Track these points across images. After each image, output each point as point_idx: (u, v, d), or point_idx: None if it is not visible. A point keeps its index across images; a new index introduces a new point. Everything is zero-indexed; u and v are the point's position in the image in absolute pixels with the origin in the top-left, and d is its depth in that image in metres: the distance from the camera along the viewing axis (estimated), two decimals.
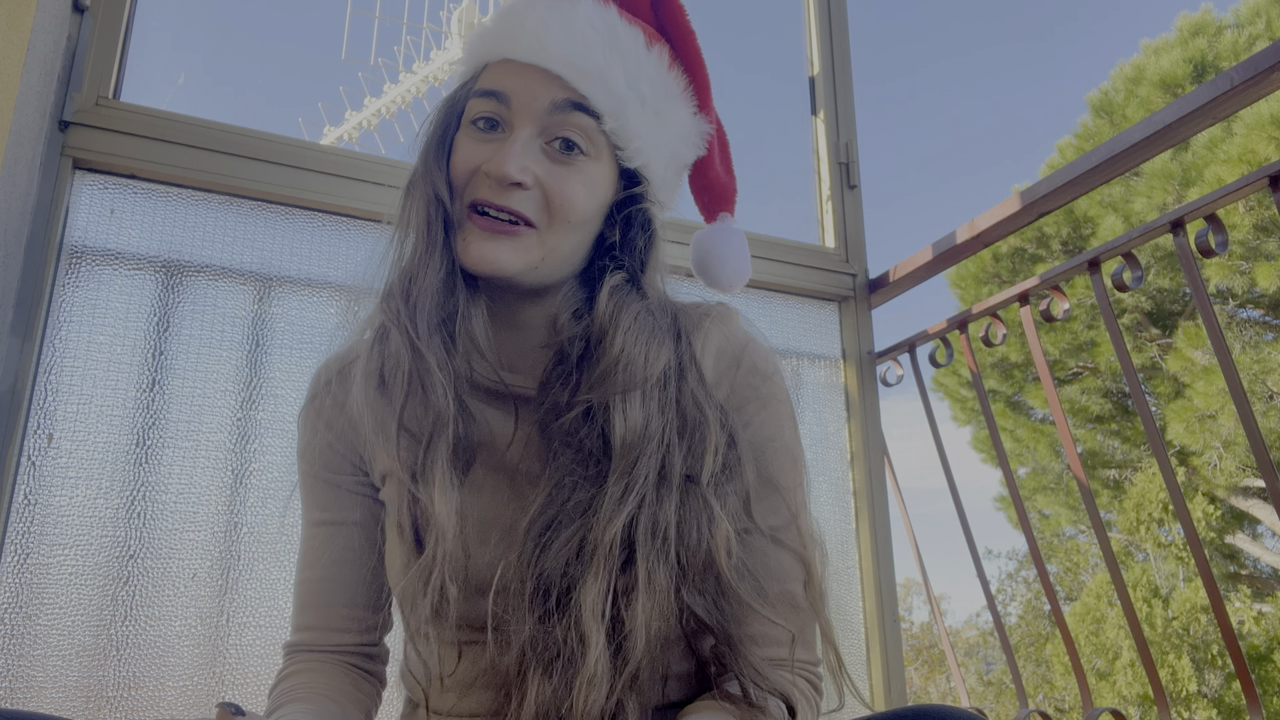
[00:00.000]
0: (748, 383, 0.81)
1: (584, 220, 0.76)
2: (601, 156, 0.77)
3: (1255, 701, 1.26)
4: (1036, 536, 1.73)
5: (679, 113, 0.82)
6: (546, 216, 0.75)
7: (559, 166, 0.75)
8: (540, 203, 0.74)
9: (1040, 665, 11.76)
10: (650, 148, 0.79)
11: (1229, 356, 1.26)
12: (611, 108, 0.76)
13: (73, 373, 1.24)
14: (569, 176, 0.75)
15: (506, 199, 0.73)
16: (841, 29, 1.94)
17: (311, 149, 1.42)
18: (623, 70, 0.77)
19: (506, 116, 0.76)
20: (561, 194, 0.74)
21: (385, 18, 4.67)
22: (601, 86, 0.76)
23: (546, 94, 0.75)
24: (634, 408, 0.72)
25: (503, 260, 0.74)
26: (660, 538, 0.69)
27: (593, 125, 0.76)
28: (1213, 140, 7.62)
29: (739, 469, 0.75)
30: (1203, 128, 1.29)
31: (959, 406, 10.33)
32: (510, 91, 0.76)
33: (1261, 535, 9.92)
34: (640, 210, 0.80)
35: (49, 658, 1.15)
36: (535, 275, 0.76)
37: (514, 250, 0.74)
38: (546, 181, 0.74)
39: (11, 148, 1.10)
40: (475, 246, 0.74)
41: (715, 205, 0.90)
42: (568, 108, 0.75)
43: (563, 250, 0.76)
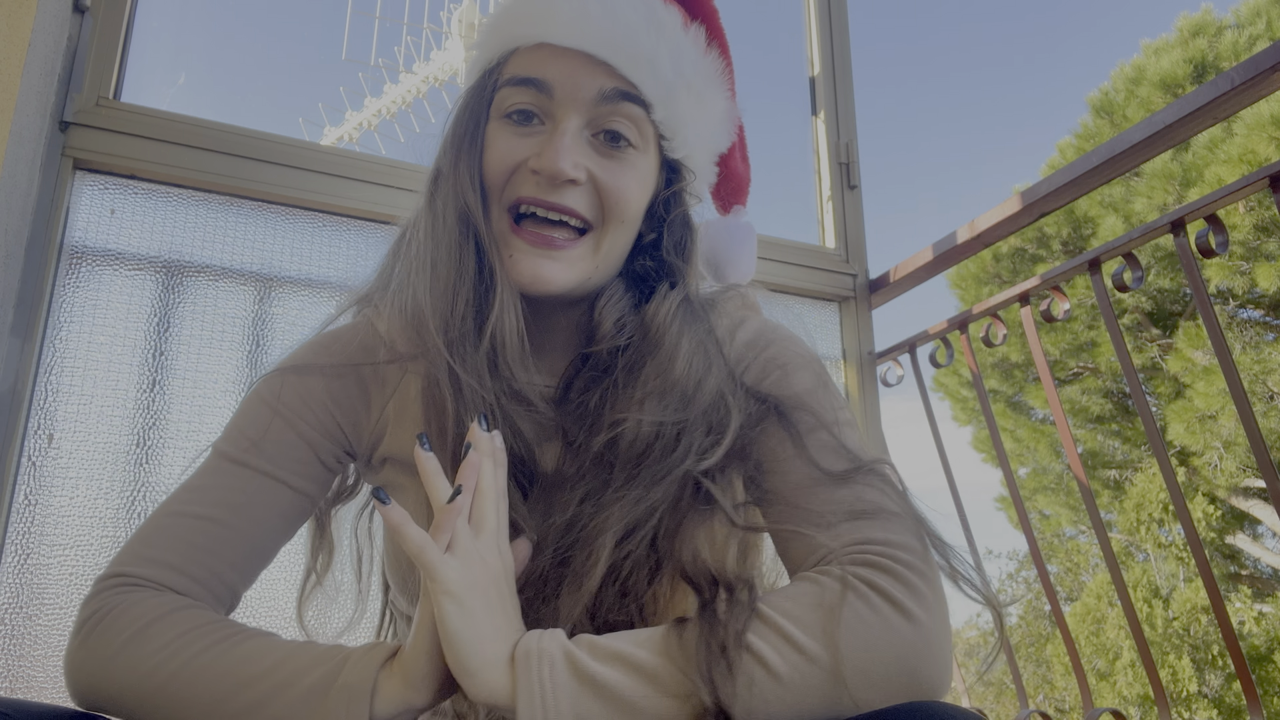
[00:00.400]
0: (749, 347, 0.76)
1: (635, 217, 0.72)
2: (649, 148, 0.72)
3: (1255, 702, 1.26)
4: (1036, 536, 1.73)
5: (718, 98, 0.77)
6: (601, 215, 0.70)
7: (609, 161, 0.70)
8: (593, 200, 0.69)
9: (1040, 665, 11.76)
10: (695, 137, 0.75)
11: (1229, 357, 1.26)
12: (661, 95, 0.71)
13: (73, 373, 1.24)
14: (621, 171, 0.70)
15: (559, 196, 0.68)
16: (841, 29, 1.94)
17: (311, 149, 1.42)
18: (668, 54, 0.71)
19: (548, 107, 0.70)
20: (616, 190, 0.69)
21: (385, 18, 4.67)
22: (650, 73, 0.70)
23: (594, 82, 0.69)
24: (670, 411, 0.68)
25: (557, 279, 0.68)
26: (662, 538, 0.66)
27: (642, 115, 0.70)
28: (1213, 140, 7.62)
29: (767, 425, 0.70)
30: (1203, 128, 1.29)
31: (959, 406, 10.33)
32: (552, 80, 0.69)
33: (1261, 535, 9.91)
34: (681, 205, 0.75)
35: (49, 658, 1.15)
36: (587, 286, 0.72)
37: (568, 266, 0.69)
38: (600, 177, 0.69)
39: (12, 148, 1.10)
40: (526, 265, 0.68)
41: (731, 197, 0.86)
42: (617, 97, 0.69)
43: (615, 253, 0.72)
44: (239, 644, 0.63)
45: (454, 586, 0.58)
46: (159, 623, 0.64)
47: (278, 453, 0.74)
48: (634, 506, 0.65)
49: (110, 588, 0.68)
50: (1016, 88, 58.05)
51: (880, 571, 0.59)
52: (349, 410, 0.77)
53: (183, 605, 0.67)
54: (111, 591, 0.68)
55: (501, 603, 0.60)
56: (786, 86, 1.98)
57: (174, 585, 0.69)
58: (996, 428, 1.72)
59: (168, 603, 0.66)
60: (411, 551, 0.58)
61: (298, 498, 0.75)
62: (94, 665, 0.64)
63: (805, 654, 0.55)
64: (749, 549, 0.75)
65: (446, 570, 0.58)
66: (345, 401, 0.77)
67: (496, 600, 0.60)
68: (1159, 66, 8.48)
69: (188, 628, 0.64)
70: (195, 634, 0.64)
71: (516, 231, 0.69)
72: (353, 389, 0.77)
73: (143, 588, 0.68)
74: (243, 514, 0.72)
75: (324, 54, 23.70)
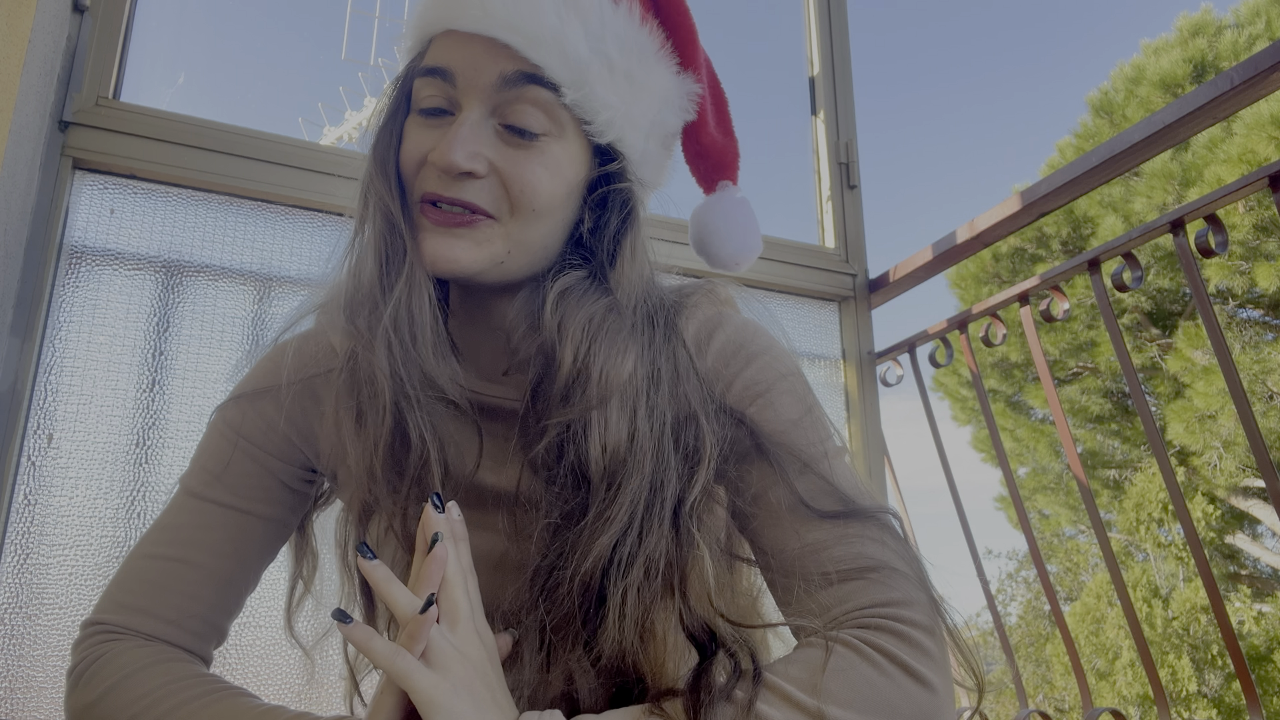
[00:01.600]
0: (730, 364, 0.71)
1: (550, 207, 0.67)
2: (566, 133, 0.67)
3: (1255, 701, 1.26)
4: (1036, 536, 1.73)
5: (657, 74, 0.72)
6: (507, 206, 0.66)
7: (515, 150, 0.66)
8: (497, 192, 0.65)
9: (1040, 665, 11.76)
10: (624, 119, 0.69)
11: (1229, 356, 1.26)
12: (571, 76, 0.66)
13: (73, 373, 1.24)
14: (527, 160, 0.65)
15: (458, 190, 0.65)
16: (841, 29, 1.94)
17: (311, 149, 1.42)
18: (582, 31, 0.66)
19: (454, 96, 0.67)
20: (520, 180, 0.65)
21: (385, 18, 4.67)
22: (557, 52, 0.65)
23: (494, 66, 0.65)
24: (613, 423, 0.63)
25: (461, 258, 0.65)
26: (650, 575, 0.61)
27: (551, 99, 0.65)
28: (1213, 140, 7.62)
29: (792, 454, 0.66)
30: (1203, 128, 1.28)
31: (959, 406, 10.33)
32: (454, 67, 0.66)
33: (1261, 535, 9.91)
34: (616, 191, 0.70)
35: (49, 658, 1.15)
36: (501, 271, 0.67)
37: (473, 245, 0.65)
38: (503, 167, 0.65)
39: (11, 148, 1.10)
40: (429, 244, 0.65)
41: (713, 173, 0.80)
42: (519, 81, 0.65)
43: (530, 241, 0.67)
44: (210, 704, 0.64)
45: (437, 695, 0.54)
46: (136, 675, 0.67)
47: (241, 484, 0.74)
48: (608, 535, 0.61)
49: (93, 635, 0.71)
50: (1016, 88, 58.04)
51: (891, 636, 0.59)
52: (305, 428, 0.76)
53: (161, 659, 0.69)
54: (94, 641, 0.70)
55: (490, 693, 0.58)
56: (786, 86, 1.98)
57: (152, 631, 0.71)
58: (996, 427, 1.72)
59: (146, 655, 0.69)
60: (384, 666, 0.55)
61: (268, 524, 0.76)
62: (81, 712, 0.67)
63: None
64: (740, 576, 0.73)
65: (425, 681, 0.55)
66: (301, 420, 0.76)
67: (484, 691, 0.57)
68: (1159, 66, 8.48)
69: (163, 682, 0.66)
70: (169, 689, 0.66)
71: (424, 211, 0.67)
72: (308, 403, 0.76)
73: (123, 638, 0.70)
74: (213, 551, 0.72)
75: (324, 54, 23.67)
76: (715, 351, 0.72)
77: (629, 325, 0.67)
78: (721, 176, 0.80)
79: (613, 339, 0.65)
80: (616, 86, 0.68)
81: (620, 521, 0.61)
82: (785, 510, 0.65)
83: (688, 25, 0.75)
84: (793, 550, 0.64)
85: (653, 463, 0.64)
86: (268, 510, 0.75)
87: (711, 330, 0.73)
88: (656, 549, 0.62)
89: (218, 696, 0.65)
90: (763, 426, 0.68)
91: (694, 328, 0.72)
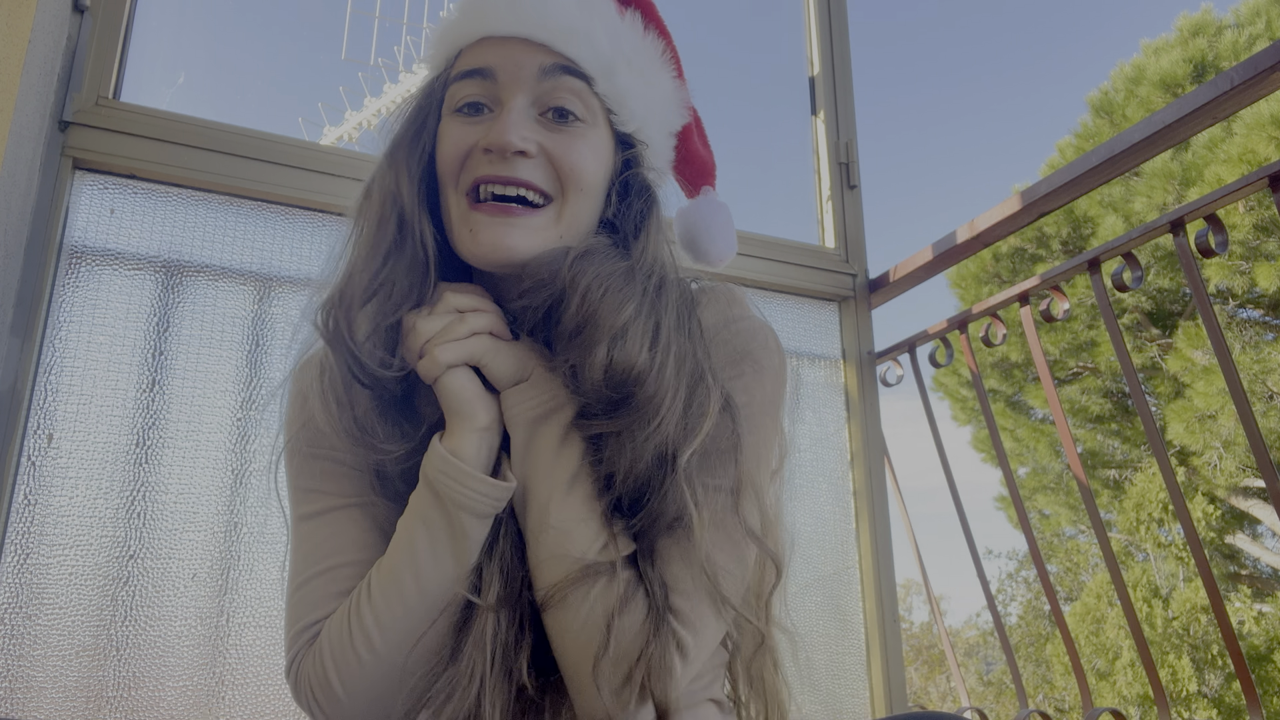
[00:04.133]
0: (729, 344, 0.75)
1: (594, 187, 0.74)
2: (598, 122, 0.74)
3: (1255, 701, 1.26)
4: (1036, 536, 1.73)
5: (663, 76, 0.80)
6: (559, 185, 0.72)
7: (559, 134, 0.72)
8: (548, 171, 0.71)
9: (1040, 665, 11.76)
10: (644, 110, 0.77)
11: (1229, 356, 1.26)
12: (600, 69, 0.73)
13: (73, 373, 1.24)
14: (571, 141, 0.72)
15: (512, 169, 0.70)
16: (841, 29, 1.94)
17: (311, 149, 1.42)
18: (604, 32, 0.74)
19: (494, 93, 0.73)
20: (568, 159, 0.71)
21: (385, 18, 4.67)
22: (588, 47, 0.73)
23: (533, 61, 0.72)
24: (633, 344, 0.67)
25: (519, 245, 0.70)
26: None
27: (585, 88, 0.73)
28: (1213, 140, 7.62)
29: (734, 445, 0.70)
30: (1203, 128, 1.29)
31: (959, 406, 10.33)
32: (494, 65, 0.72)
33: (1261, 535, 9.91)
34: (639, 176, 0.77)
35: (49, 658, 1.15)
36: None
37: (530, 233, 0.70)
38: (551, 149, 0.71)
39: (11, 148, 1.10)
40: (487, 235, 0.70)
41: (698, 179, 0.88)
42: (558, 72, 0.72)
43: (579, 221, 0.73)
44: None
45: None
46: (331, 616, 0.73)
47: (328, 483, 0.77)
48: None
49: (296, 656, 0.73)
50: (1016, 88, 58.06)
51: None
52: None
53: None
54: (300, 659, 0.73)
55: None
56: (786, 86, 1.98)
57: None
58: (996, 427, 1.72)
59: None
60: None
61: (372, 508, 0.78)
62: (321, 672, 0.71)
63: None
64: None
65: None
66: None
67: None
68: (1159, 66, 8.48)
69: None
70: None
71: (475, 207, 0.71)
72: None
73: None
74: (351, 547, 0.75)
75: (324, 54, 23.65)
76: (722, 348, 0.75)
77: (640, 288, 0.71)
78: (704, 182, 0.88)
79: (615, 284, 0.69)
80: (635, 81, 0.76)
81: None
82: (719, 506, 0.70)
83: (673, 44, 0.83)
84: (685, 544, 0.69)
85: (676, 399, 0.67)
86: (359, 496, 0.78)
87: (726, 323, 0.77)
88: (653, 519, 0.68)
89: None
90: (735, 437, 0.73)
91: (710, 316, 0.76)
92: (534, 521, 0.69)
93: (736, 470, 0.70)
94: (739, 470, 0.70)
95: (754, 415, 0.73)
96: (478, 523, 0.68)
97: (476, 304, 0.71)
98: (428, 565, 0.68)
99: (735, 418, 0.71)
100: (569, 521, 0.67)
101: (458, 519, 0.67)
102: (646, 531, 0.68)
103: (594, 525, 0.67)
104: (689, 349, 0.71)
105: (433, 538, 0.68)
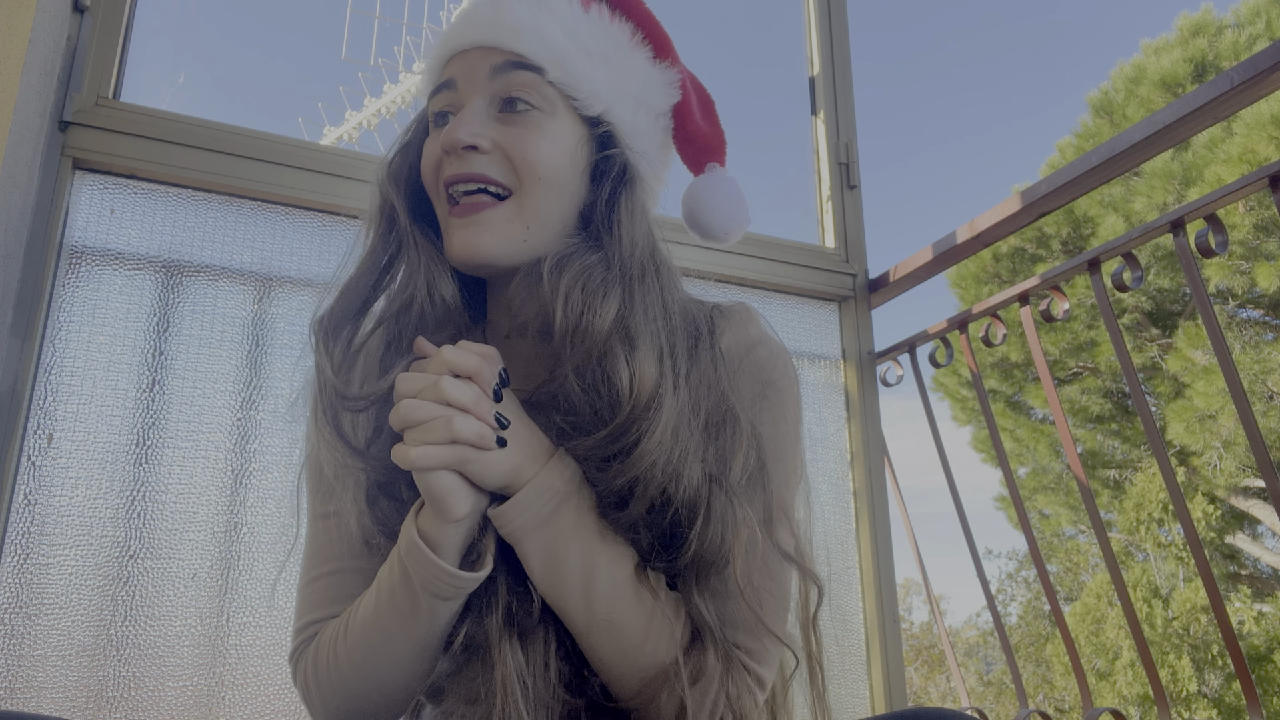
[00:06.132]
0: (751, 375, 0.76)
1: (554, 176, 0.74)
2: (557, 110, 0.75)
3: (1255, 701, 1.26)
4: (1036, 536, 1.73)
5: (633, 59, 0.81)
6: (515, 177, 0.73)
7: (512, 126, 0.74)
8: (504, 164, 0.73)
9: (1040, 665, 11.76)
10: (608, 92, 0.77)
11: (1229, 356, 1.26)
12: (551, 58, 0.75)
13: (73, 373, 1.24)
14: (524, 132, 0.73)
15: (469, 165, 0.72)
16: (841, 29, 1.94)
17: (311, 149, 1.42)
18: (558, 25, 0.76)
19: (456, 100, 0.76)
20: (521, 148, 0.72)
21: (385, 18, 4.66)
22: (536, 40, 0.75)
23: (485, 62, 0.75)
24: (644, 361, 0.68)
25: (485, 243, 0.72)
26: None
27: (537, 79, 0.75)
28: (1213, 140, 7.62)
29: (763, 475, 0.72)
30: (1203, 128, 1.28)
31: (959, 406, 10.33)
32: (455, 76, 0.76)
33: (1261, 535, 9.91)
34: (610, 158, 0.77)
35: (49, 658, 1.15)
36: (527, 250, 0.73)
37: (491, 231, 0.72)
38: (503, 141, 0.73)
39: (11, 148, 1.10)
40: (456, 238, 0.72)
41: (701, 157, 0.87)
42: (508, 68, 0.75)
43: (545, 214, 0.74)
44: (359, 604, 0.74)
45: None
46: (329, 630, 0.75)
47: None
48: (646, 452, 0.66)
49: (298, 650, 0.78)
50: (1016, 88, 58.07)
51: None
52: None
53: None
54: (300, 649, 0.78)
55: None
56: (786, 86, 1.98)
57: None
58: (996, 427, 1.72)
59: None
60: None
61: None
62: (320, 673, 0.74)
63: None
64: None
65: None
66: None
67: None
68: (1159, 66, 8.48)
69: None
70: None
71: (452, 212, 0.74)
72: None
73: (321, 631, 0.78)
74: (357, 553, 0.78)
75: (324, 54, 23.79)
76: (745, 375, 0.76)
77: (617, 274, 0.71)
78: (709, 159, 0.87)
79: (590, 284, 0.70)
80: (595, 66, 0.77)
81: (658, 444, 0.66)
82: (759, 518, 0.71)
83: (655, 26, 0.83)
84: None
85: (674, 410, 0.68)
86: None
87: (749, 348, 0.78)
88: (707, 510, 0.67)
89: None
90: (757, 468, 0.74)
91: (728, 340, 0.77)
92: (581, 622, 0.68)
93: (766, 498, 0.71)
94: (768, 497, 0.72)
95: (780, 444, 0.75)
96: (446, 604, 0.68)
97: (475, 368, 0.66)
98: (395, 630, 0.69)
99: (762, 449, 0.72)
100: (617, 611, 0.67)
101: (425, 601, 0.67)
102: (685, 574, 0.69)
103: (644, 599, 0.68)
104: (712, 379, 0.72)
105: (399, 609, 0.68)
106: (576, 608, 0.68)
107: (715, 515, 0.67)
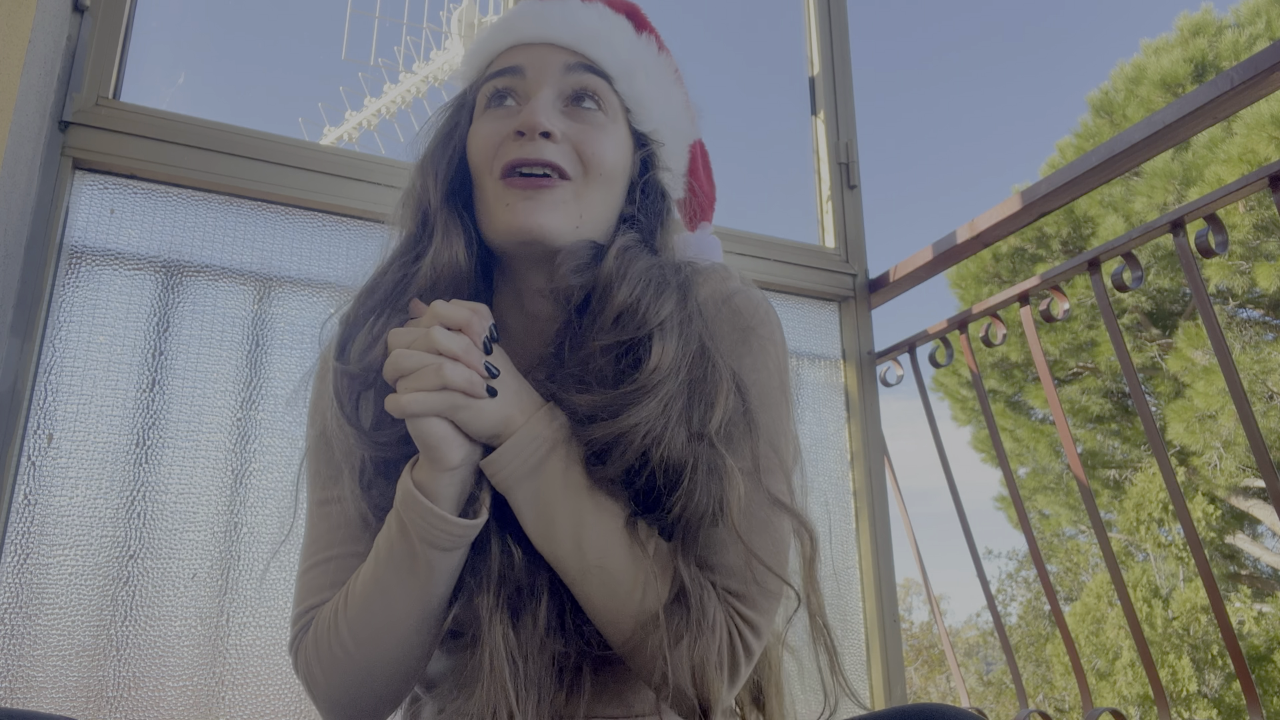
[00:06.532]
0: (730, 322, 0.77)
1: (613, 174, 0.78)
2: (618, 119, 0.80)
3: (1255, 701, 1.26)
4: (1036, 536, 1.73)
5: (676, 92, 0.87)
6: (580, 168, 0.76)
7: (581, 123, 0.77)
8: (571, 155, 0.76)
9: (1040, 665, 11.76)
10: (661, 112, 0.83)
11: (1229, 356, 1.26)
12: (619, 70, 0.80)
13: (73, 373, 1.24)
14: (593, 129, 0.77)
15: (540, 151, 0.74)
16: (841, 29, 1.94)
17: (311, 149, 1.42)
18: (623, 41, 0.82)
19: (521, 87, 0.78)
20: (590, 144, 0.76)
21: (385, 18, 4.66)
22: (608, 51, 0.80)
23: (558, 59, 0.78)
24: (669, 343, 0.70)
25: (546, 220, 0.73)
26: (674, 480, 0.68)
27: (605, 86, 0.79)
28: (1213, 140, 7.62)
29: (749, 423, 0.72)
30: (1203, 128, 1.29)
31: (959, 406, 10.33)
32: (523, 64, 0.79)
33: (1261, 535, 9.91)
34: (653, 179, 0.83)
35: (49, 658, 1.15)
36: (574, 236, 0.75)
37: (554, 208, 0.74)
38: (573, 135, 0.76)
39: (11, 148, 1.10)
40: (520, 208, 0.73)
41: (699, 214, 0.93)
42: (580, 69, 0.78)
43: (597, 208, 0.77)
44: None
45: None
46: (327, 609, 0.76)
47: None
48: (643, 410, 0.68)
49: (299, 639, 0.77)
50: (1016, 88, 58.06)
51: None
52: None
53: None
54: (300, 639, 0.77)
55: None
56: (786, 86, 1.98)
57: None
58: (996, 428, 1.72)
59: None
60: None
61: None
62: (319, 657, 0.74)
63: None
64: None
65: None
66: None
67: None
68: (1159, 66, 8.48)
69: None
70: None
71: (509, 182, 0.75)
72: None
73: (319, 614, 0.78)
74: (355, 541, 0.78)
75: (324, 54, 23.67)
76: (726, 323, 0.78)
77: (671, 281, 0.76)
78: (703, 217, 0.94)
79: (658, 285, 0.74)
80: (652, 87, 0.82)
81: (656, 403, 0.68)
82: (745, 468, 0.71)
83: (678, 71, 0.89)
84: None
85: (680, 386, 0.70)
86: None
87: (725, 297, 0.79)
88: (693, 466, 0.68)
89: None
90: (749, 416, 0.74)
91: (707, 291, 0.79)
92: (573, 569, 0.69)
93: (754, 445, 0.72)
94: (756, 445, 0.72)
95: (765, 392, 0.75)
96: (444, 556, 0.69)
97: (465, 320, 0.68)
98: (395, 589, 0.69)
99: (746, 396, 0.73)
100: (609, 557, 0.68)
101: (423, 553, 0.68)
102: (675, 526, 0.69)
103: (635, 546, 0.68)
104: (692, 331, 0.73)
105: (399, 566, 0.69)
106: (568, 554, 0.68)
107: (700, 471, 0.68)
